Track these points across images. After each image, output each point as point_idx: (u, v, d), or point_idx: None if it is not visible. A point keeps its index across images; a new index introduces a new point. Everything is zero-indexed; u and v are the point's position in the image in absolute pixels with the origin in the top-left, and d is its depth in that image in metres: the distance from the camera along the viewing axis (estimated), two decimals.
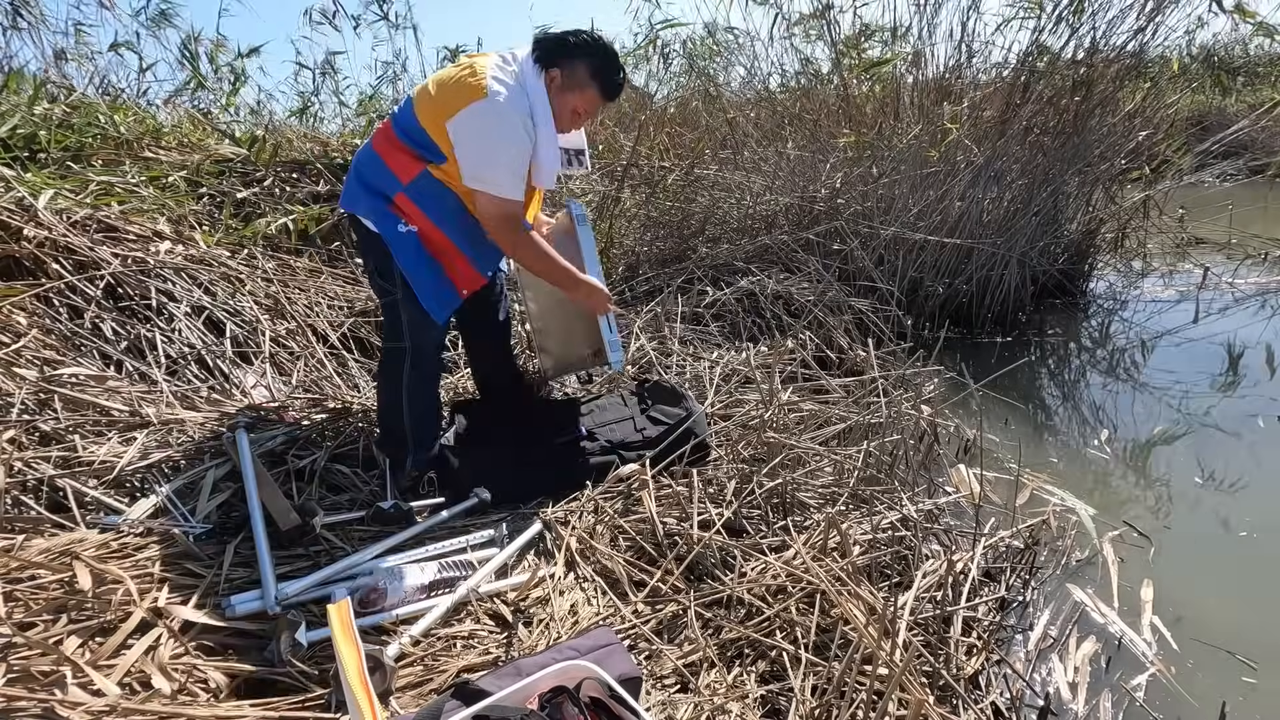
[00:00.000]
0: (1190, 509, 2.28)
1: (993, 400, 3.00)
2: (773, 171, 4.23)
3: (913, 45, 4.00)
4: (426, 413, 1.99)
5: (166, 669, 1.26)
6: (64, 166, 3.15)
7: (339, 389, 2.65)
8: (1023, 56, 3.87)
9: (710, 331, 3.18)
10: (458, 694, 1.14)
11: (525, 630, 1.47)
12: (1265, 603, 1.84)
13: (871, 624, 1.39)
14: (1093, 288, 4.76)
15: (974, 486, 1.97)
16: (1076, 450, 2.76)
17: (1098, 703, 1.52)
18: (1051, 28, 3.76)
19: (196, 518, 1.69)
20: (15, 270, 2.45)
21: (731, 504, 1.81)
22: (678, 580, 1.58)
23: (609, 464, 1.98)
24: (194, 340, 2.54)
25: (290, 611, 1.40)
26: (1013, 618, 1.76)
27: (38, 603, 1.38)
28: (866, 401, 2.50)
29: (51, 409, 1.96)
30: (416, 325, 1.88)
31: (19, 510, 1.65)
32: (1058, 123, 3.94)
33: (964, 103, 3.88)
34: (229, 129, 4.20)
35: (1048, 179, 4.00)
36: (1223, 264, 4.92)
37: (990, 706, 1.42)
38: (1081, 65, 3.79)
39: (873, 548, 1.72)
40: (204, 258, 2.87)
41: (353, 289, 3.20)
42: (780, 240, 3.79)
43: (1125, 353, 3.80)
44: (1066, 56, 3.83)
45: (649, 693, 1.31)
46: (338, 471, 2.00)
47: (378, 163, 1.81)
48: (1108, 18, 3.72)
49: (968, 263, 4.01)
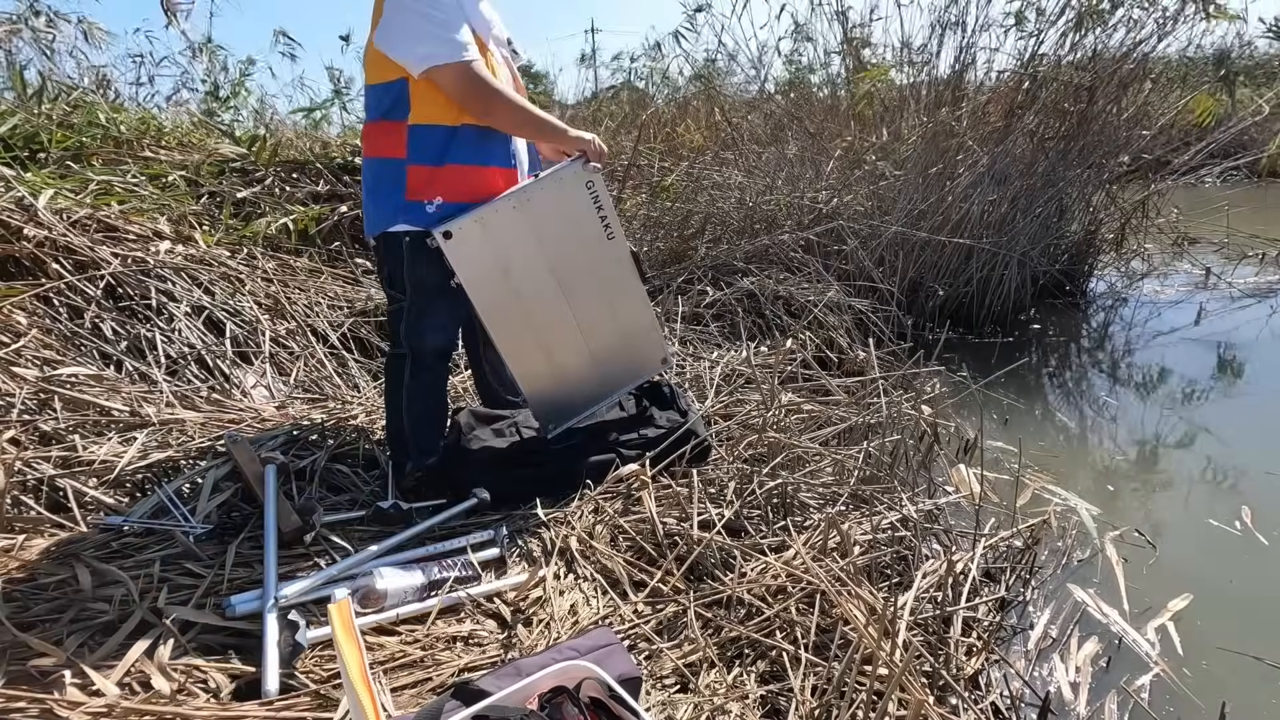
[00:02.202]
0: (1191, 509, 2.28)
1: (993, 400, 3.01)
2: (773, 171, 4.23)
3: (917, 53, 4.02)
4: (425, 417, 1.98)
5: (166, 669, 1.26)
6: (64, 166, 3.15)
7: (339, 389, 2.65)
8: (1024, 63, 3.88)
9: (710, 331, 3.18)
10: (458, 694, 1.14)
11: (525, 630, 1.47)
12: (1265, 602, 1.84)
13: (871, 624, 1.39)
14: (1093, 288, 4.77)
15: (974, 486, 1.97)
16: (1077, 450, 2.76)
17: (1102, 705, 1.52)
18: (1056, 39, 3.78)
19: (196, 518, 1.69)
20: (15, 270, 2.45)
21: (732, 504, 1.81)
22: (678, 580, 1.58)
23: (608, 464, 1.98)
24: (194, 340, 2.54)
25: (290, 612, 1.40)
26: (1013, 618, 1.76)
27: (38, 603, 1.38)
28: (866, 402, 2.50)
29: (51, 409, 1.96)
30: (414, 333, 1.89)
31: (19, 510, 1.65)
32: (1061, 126, 3.95)
33: (967, 106, 3.89)
34: (229, 129, 4.21)
35: (1049, 181, 4.00)
36: (1222, 264, 4.92)
37: (990, 706, 1.42)
38: (1085, 72, 3.80)
39: (873, 548, 1.72)
40: (204, 258, 2.87)
41: (353, 289, 3.20)
42: (780, 240, 3.79)
43: (1125, 353, 3.80)
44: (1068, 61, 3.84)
45: (649, 693, 1.31)
46: (338, 471, 2.00)
47: (374, 164, 1.81)
48: (1108, 35, 3.75)
49: (968, 263, 4.02)
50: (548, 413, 2.05)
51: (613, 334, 2.07)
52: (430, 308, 1.88)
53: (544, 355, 1.99)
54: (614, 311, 2.05)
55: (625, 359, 2.12)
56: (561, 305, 1.96)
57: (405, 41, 1.67)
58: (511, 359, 1.96)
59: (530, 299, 1.91)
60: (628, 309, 2.07)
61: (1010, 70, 3.99)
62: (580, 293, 1.97)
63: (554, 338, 1.99)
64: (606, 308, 2.04)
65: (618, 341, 2.09)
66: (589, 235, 1.93)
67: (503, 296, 1.87)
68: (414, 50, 1.66)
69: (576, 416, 2.09)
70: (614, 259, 1.99)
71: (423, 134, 1.74)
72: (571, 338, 2.01)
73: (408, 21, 1.65)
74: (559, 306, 1.96)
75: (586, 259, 1.95)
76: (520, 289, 1.89)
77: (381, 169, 1.79)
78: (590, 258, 1.95)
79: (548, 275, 1.91)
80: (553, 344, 1.99)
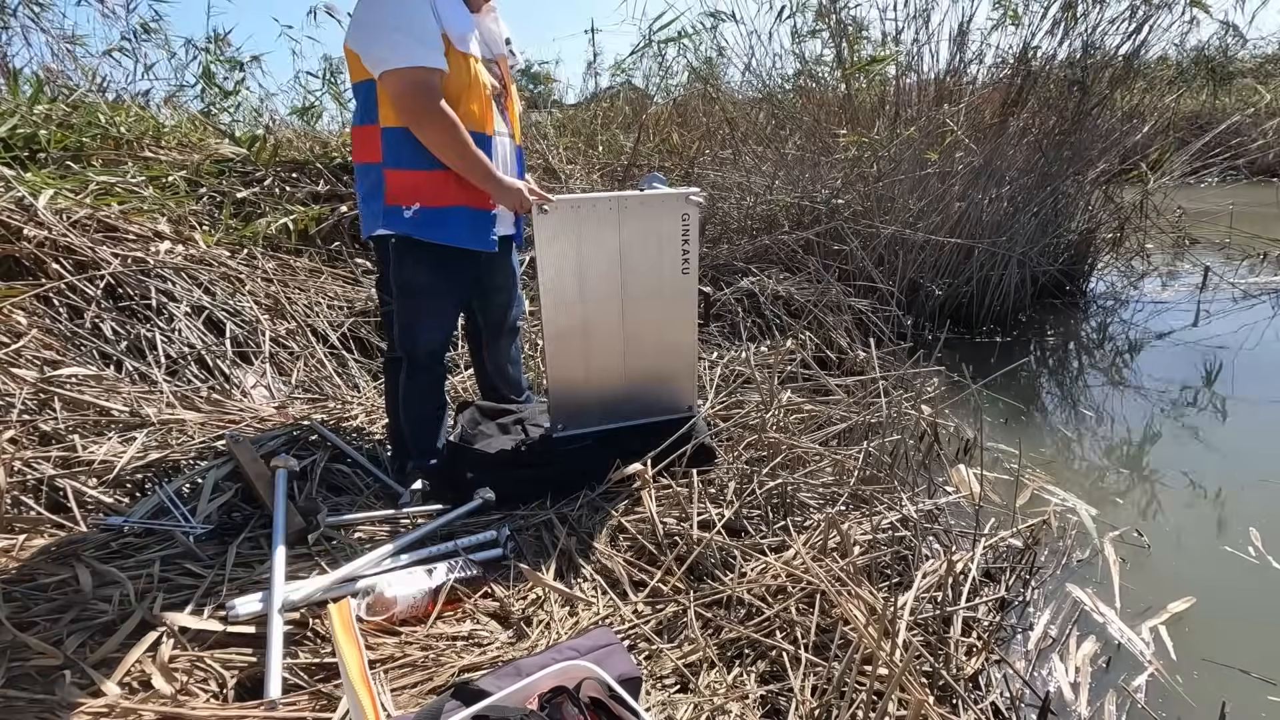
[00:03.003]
0: (1191, 509, 2.27)
1: (993, 400, 3.01)
2: (773, 171, 4.23)
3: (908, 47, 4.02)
4: (424, 418, 1.98)
5: (166, 669, 1.26)
6: (64, 166, 3.15)
7: (339, 389, 2.65)
8: (1016, 60, 3.89)
9: (710, 331, 3.18)
10: (458, 694, 1.14)
11: (525, 630, 1.47)
12: (1266, 601, 1.84)
13: (871, 624, 1.39)
14: (1093, 288, 4.77)
15: (974, 486, 1.97)
16: (1077, 450, 2.75)
17: (1101, 705, 1.52)
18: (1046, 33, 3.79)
19: (197, 518, 1.69)
20: (15, 270, 2.45)
21: (732, 504, 1.81)
22: (678, 580, 1.58)
23: (610, 465, 1.98)
24: (194, 340, 2.54)
25: None
26: (1013, 618, 1.76)
27: (38, 603, 1.38)
28: (867, 401, 2.50)
29: (51, 409, 1.96)
30: (406, 335, 1.90)
31: (19, 510, 1.65)
32: (1055, 124, 3.95)
33: (961, 103, 3.89)
34: (229, 129, 4.20)
35: (1046, 179, 4.01)
36: (1222, 264, 4.93)
37: (990, 706, 1.42)
38: (1076, 68, 3.81)
39: (873, 548, 1.72)
40: (204, 258, 2.87)
41: (353, 289, 3.20)
42: (780, 240, 3.79)
43: (1125, 353, 3.80)
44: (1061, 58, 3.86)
45: (649, 693, 1.31)
46: (338, 471, 2.00)
47: (359, 168, 1.82)
48: (1099, 27, 3.76)
49: (967, 263, 4.02)
50: (563, 412, 2.06)
51: (652, 360, 2.08)
52: (419, 309, 1.87)
53: (582, 354, 2.01)
54: (661, 339, 2.07)
55: (655, 390, 2.12)
56: (616, 314, 1.99)
57: (365, 41, 1.64)
58: (551, 345, 1.97)
59: (591, 295, 1.95)
60: (675, 343, 2.08)
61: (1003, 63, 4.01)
62: (637, 310, 2.01)
63: (598, 343, 2.01)
64: (655, 332, 2.05)
65: (654, 370, 2.09)
66: (666, 260, 1.98)
67: (568, 283, 1.91)
68: (370, 50, 1.63)
69: (589, 428, 2.09)
70: (681, 290, 2.03)
71: (393, 137, 1.71)
72: (614, 348, 2.03)
73: (372, 19, 1.62)
74: (613, 314, 1.99)
75: (656, 281, 2.00)
76: (585, 282, 1.93)
77: (364, 173, 1.80)
78: (659, 281, 2.00)
79: (615, 281, 1.95)
80: (594, 348, 2.01)
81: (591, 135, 5.61)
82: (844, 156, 4.01)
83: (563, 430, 2.06)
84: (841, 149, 3.98)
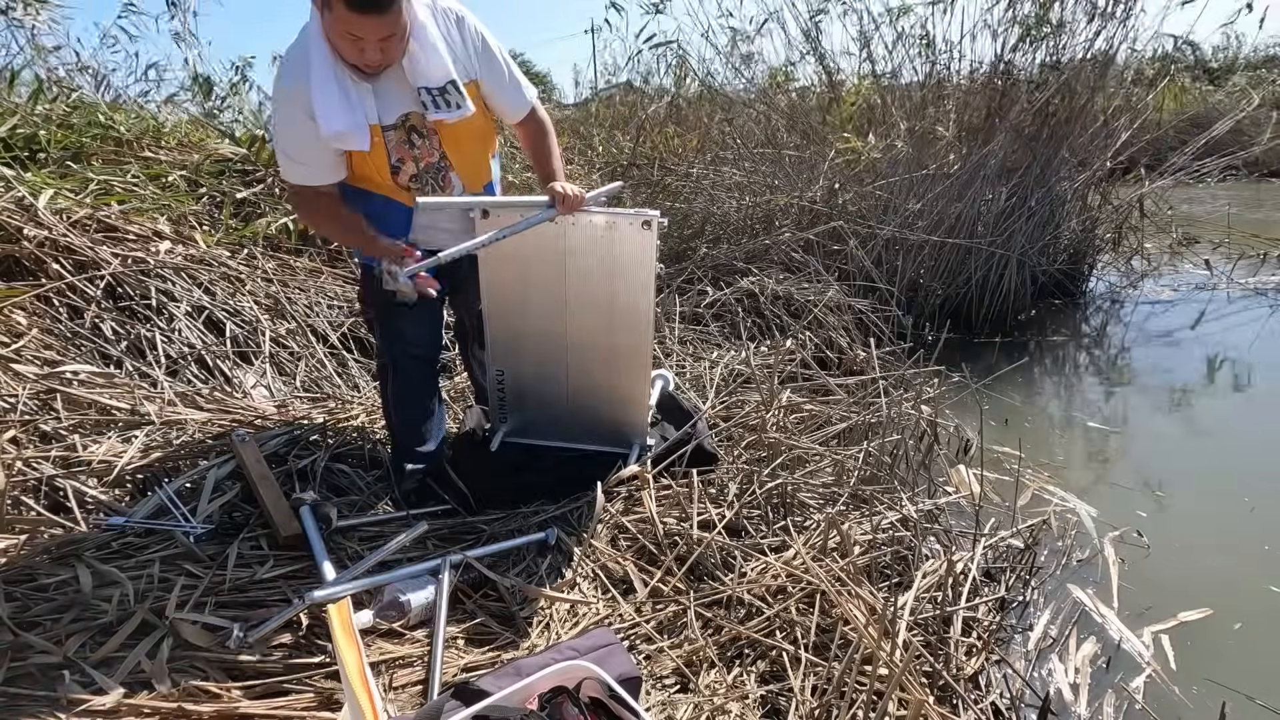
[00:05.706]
0: (1191, 509, 2.28)
1: (993, 400, 3.01)
2: (772, 171, 4.23)
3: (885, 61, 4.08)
4: (414, 421, 1.98)
5: (167, 669, 1.26)
6: (64, 166, 3.15)
7: (339, 389, 2.65)
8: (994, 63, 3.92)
9: (710, 331, 3.18)
10: (458, 694, 1.14)
11: (525, 630, 1.47)
12: (1265, 601, 1.84)
13: (871, 624, 1.39)
14: (1092, 288, 4.77)
15: (974, 486, 1.97)
16: (1077, 450, 2.76)
17: (1100, 705, 1.52)
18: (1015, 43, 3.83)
19: (197, 518, 1.69)
20: (15, 270, 2.45)
21: (732, 504, 1.81)
22: (678, 580, 1.58)
23: (611, 466, 1.97)
24: (194, 340, 2.54)
25: None
26: (1013, 618, 1.76)
27: (38, 603, 1.38)
28: (866, 401, 2.50)
29: (52, 409, 1.96)
30: (387, 341, 1.93)
31: (19, 510, 1.65)
32: (1042, 124, 3.96)
33: (948, 105, 3.91)
34: (229, 129, 4.20)
35: (1040, 179, 4.01)
36: (1221, 263, 4.93)
37: (990, 706, 1.42)
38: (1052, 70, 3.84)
39: (873, 548, 1.72)
40: (204, 258, 2.87)
41: (353, 289, 3.20)
42: (780, 240, 3.79)
43: (1125, 353, 3.80)
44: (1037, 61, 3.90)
45: (649, 693, 1.31)
46: (338, 471, 2.00)
47: None
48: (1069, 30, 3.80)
49: (967, 263, 4.02)
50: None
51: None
52: (395, 315, 1.85)
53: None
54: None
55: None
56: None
57: None
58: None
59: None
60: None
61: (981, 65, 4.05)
62: (583, 326, 1.89)
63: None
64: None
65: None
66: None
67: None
68: None
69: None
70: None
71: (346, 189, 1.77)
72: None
73: (273, 132, 1.73)
74: (558, 327, 1.91)
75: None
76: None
77: None
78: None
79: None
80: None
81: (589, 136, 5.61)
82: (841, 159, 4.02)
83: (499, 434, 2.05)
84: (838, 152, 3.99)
